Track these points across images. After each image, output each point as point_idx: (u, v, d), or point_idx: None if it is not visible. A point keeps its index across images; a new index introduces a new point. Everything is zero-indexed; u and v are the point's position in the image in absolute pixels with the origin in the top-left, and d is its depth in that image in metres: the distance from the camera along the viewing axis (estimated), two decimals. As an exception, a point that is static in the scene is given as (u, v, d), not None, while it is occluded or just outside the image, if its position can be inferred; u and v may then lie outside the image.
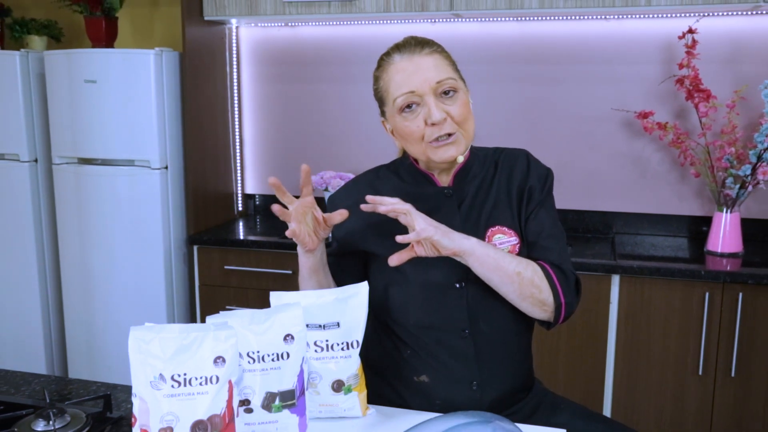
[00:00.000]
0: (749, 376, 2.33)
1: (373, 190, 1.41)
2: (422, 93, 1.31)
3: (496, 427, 1.09)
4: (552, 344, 2.45)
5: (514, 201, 1.41)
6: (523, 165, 1.44)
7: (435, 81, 1.31)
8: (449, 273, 1.36)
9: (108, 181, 2.82)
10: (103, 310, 2.91)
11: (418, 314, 1.38)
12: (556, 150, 2.87)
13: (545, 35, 2.83)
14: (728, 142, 2.50)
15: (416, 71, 1.31)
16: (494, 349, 1.39)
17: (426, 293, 1.37)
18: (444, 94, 1.32)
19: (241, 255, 2.77)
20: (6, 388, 1.42)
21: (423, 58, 1.32)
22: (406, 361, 1.41)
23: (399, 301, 1.39)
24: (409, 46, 1.34)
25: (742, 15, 2.62)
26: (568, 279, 1.36)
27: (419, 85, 1.31)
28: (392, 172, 1.48)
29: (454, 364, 1.37)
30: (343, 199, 1.44)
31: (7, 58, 2.92)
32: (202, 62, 2.92)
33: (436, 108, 1.30)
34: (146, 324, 1.05)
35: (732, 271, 2.31)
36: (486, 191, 1.42)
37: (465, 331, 1.36)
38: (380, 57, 1.38)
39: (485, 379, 1.38)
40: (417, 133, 1.33)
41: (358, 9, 2.68)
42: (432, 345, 1.38)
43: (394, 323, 1.41)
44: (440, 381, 1.38)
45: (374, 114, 3.10)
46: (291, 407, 1.18)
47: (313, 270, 1.38)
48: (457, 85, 1.34)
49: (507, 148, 1.48)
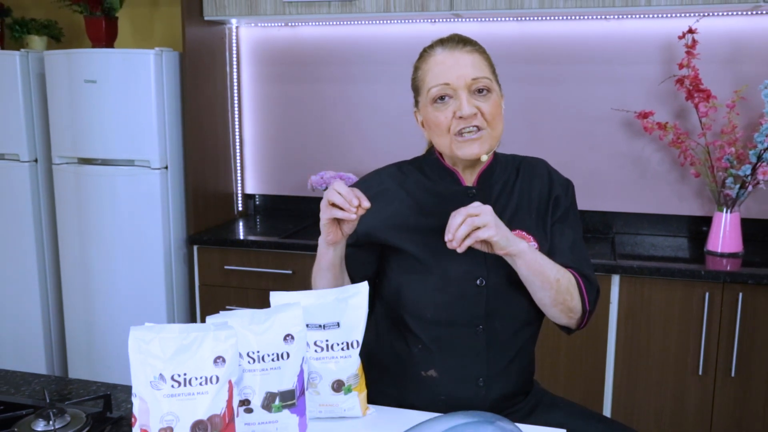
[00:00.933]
0: (749, 376, 2.33)
1: (395, 183, 1.45)
2: (456, 87, 1.34)
3: (496, 428, 1.09)
4: (552, 344, 2.45)
5: (535, 207, 1.44)
6: (544, 174, 1.48)
7: (471, 77, 1.34)
8: (470, 269, 1.37)
9: (108, 181, 2.82)
10: (103, 310, 2.91)
11: (436, 308, 1.39)
12: (556, 150, 2.87)
13: (545, 35, 2.83)
14: (728, 142, 2.50)
15: (454, 65, 1.34)
16: (504, 347, 1.40)
17: (446, 288, 1.38)
18: (478, 92, 1.35)
19: (241, 255, 2.77)
20: (6, 388, 1.42)
21: (463, 54, 1.36)
22: (415, 355, 1.41)
23: (417, 294, 1.40)
24: (452, 42, 1.37)
25: (742, 15, 2.62)
26: (592, 287, 1.41)
27: (455, 78, 1.33)
28: (415, 167, 1.49)
29: (464, 360, 1.39)
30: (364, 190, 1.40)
31: (7, 58, 2.92)
32: (202, 62, 2.92)
33: (467, 102, 1.33)
34: (146, 324, 1.05)
35: (732, 271, 2.31)
36: (508, 195, 1.44)
37: (479, 327, 1.38)
38: (423, 49, 1.42)
39: (491, 376, 1.39)
40: (444, 124, 1.35)
41: (358, 9, 2.68)
42: (444, 340, 1.39)
43: (410, 317, 1.41)
44: (448, 376, 1.39)
45: (374, 114, 3.11)
46: (291, 407, 1.18)
47: (331, 264, 1.37)
48: (492, 86, 1.36)
49: (526, 157, 1.52)
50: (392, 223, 1.41)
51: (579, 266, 1.41)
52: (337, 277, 1.40)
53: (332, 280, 1.39)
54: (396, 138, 3.03)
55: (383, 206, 1.40)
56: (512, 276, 1.37)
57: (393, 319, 1.45)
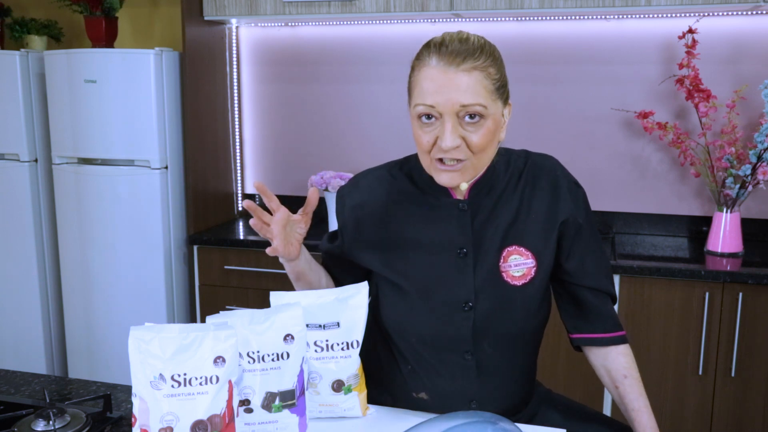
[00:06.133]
0: (749, 376, 2.33)
1: (383, 190, 1.37)
2: (443, 111, 1.19)
3: (496, 428, 1.09)
4: (552, 344, 2.45)
5: (543, 222, 1.33)
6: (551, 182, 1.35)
7: (460, 104, 1.18)
8: (457, 292, 1.30)
9: (108, 181, 2.82)
10: (103, 310, 2.91)
11: (421, 332, 1.33)
12: (556, 150, 2.87)
13: (545, 35, 2.83)
14: (728, 142, 2.50)
15: (445, 86, 1.18)
16: (496, 370, 1.34)
17: (431, 311, 1.31)
18: (469, 116, 1.20)
19: (241, 255, 2.77)
20: (6, 388, 1.42)
21: (459, 74, 1.18)
22: (405, 377, 1.37)
23: (401, 317, 1.34)
24: (450, 55, 1.19)
25: (742, 15, 2.62)
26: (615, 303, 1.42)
27: (443, 102, 1.18)
28: (405, 173, 1.38)
29: (454, 383, 1.34)
30: (354, 196, 1.39)
31: (7, 58, 2.92)
32: (202, 62, 2.92)
33: (450, 134, 1.19)
34: (146, 324, 1.05)
35: (732, 271, 2.30)
36: (505, 204, 1.33)
37: (467, 353, 1.32)
38: (423, 46, 1.25)
39: (485, 398, 1.35)
40: (426, 145, 1.23)
41: (358, 9, 2.68)
42: (433, 362, 1.34)
43: (397, 338, 1.37)
44: (439, 399, 1.35)
45: (374, 114, 3.11)
46: (291, 407, 1.18)
47: (301, 273, 1.35)
48: (486, 112, 1.20)
49: (534, 154, 1.39)
50: (372, 239, 1.36)
51: (607, 287, 1.38)
52: (312, 283, 1.38)
53: (308, 287, 1.37)
54: (396, 138, 3.03)
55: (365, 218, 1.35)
56: (503, 298, 1.31)
57: (383, 337, 1.41)
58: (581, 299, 1.38)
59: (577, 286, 1.37)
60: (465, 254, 1.31)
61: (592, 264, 1.37)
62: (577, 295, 1.38)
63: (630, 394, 1.33)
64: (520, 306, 1.32)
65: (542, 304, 1.36)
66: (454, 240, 1.31)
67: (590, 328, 1.39)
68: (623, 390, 1.34)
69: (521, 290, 1.31)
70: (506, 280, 1.31)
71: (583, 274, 1.36)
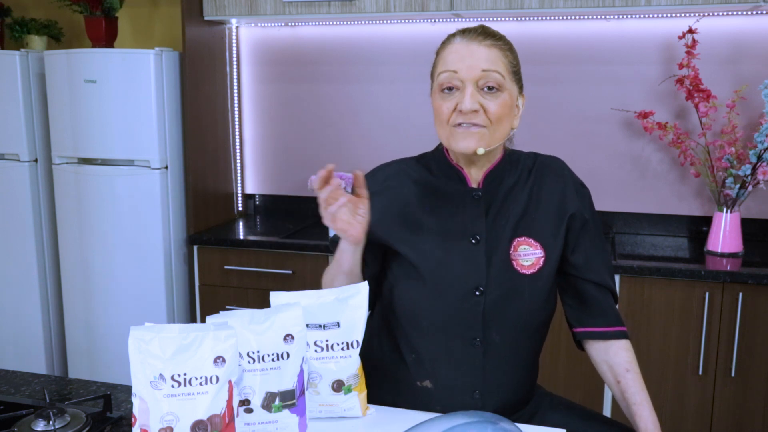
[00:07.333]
0: (749, 376, 2.33)
1: (400, 180, 1.42)
2: (464, 78, 1.28)
3: (496, 428, 1.09)
4: (552, 344, 2.45)
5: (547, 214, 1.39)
6: (559, 180, 1.42)
7: (480, 69, 1.28)
8: (469, 276, 1.33)
9: (108, 181, 2.82)
10: (103, 310, 2.91)
11: (432, 316, 1.35)
12: (556, 150, 2.84)
13: (545, 35, 2.83)
14: (728, 142, 2.50)
15: (467, 56, 1.29)
16: (502, 360, 1.36)
17: (443, 296, 1.34)
18: (488, 88, 1.29)
19: (241, 255, 2.77)
20: (6, 388, 1.42)
21: (480, 47, 1.29)
22: (409, 365, 1.39)
23: (413, 300, 1.36)
24: (473, 33, 1.32)
25: (742, 15, 2.62)
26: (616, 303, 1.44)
27: (464, 69, 1.28)
28: (422, 164, 1.44)
29: (459, 372, 1.35)
30: (371, 183, 1.38)
31: (7, 58, 2.92)
32: (202, 62, 2.92)
33: (470, 97, 1.28)
34: (146, 324, 1.05)
35: (732, 271, 2.31)
36: (516, 197, 1.39)
37: (476, 340, 1.34)
38: (447, 36, 1.36)
39: (488, 389, 1.36)
40: (445, 114, 1.31)
41: (358, 9, 2.68)
42: (440, 351, 1.36)
43: (406, 323, 1.38)
44: (443, 387, 1.37)
45: (374, 114, 3.11)
46: (291, 407, 1.18)
47: (356, 264, 1.35)
48: (503, 84, 1.30)
49: (542, 155, 1.46)
50: (392, 223, 1.39)
51: (608, 283, 1.42)
52: (355, 278, 1.37)
53: (348, 281, 1.36)
54: (396, 138, 3.03)
55: (386, 204, 1.38)
56: (513, 285, 1.34)
57: (389, 324, 1.43)
58: (585, 293, 1.41)
59: (582, 279, 1.41)
60: (478, 241, 1.35)
61: (596, 259, 1.42)
62: (581, 288, 1.42)
63: (632, 387, 1.34)
64: (528, 295, 1.35)
65: (549, 297, 1.39)
66: (468, 227, 1.36)
67: (593, 322, 1.41)
68: (625, 384, 1.35)
69: (530, 279, 1.35)
70: (516, 268, 1.35)
71: (587, 268, 1.41)
